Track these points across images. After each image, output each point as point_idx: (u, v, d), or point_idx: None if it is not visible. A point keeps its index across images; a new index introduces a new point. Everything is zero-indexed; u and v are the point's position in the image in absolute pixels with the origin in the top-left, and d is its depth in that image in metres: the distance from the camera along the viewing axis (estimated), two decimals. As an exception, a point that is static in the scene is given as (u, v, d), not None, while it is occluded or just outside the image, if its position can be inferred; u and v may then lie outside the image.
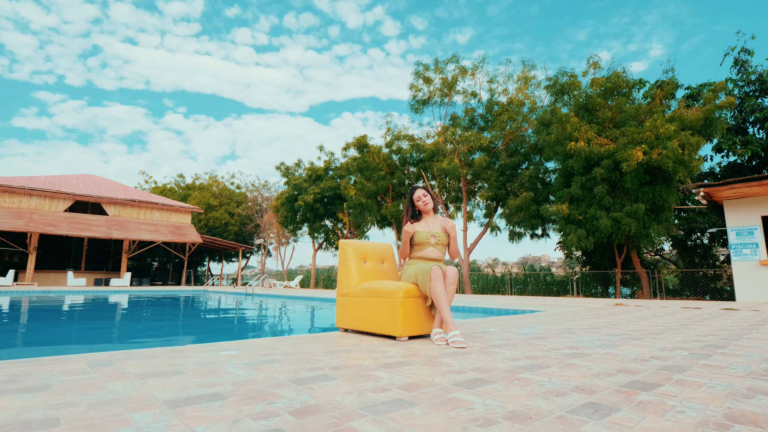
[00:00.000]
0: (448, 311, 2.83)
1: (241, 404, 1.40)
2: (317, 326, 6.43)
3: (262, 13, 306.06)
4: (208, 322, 6.88)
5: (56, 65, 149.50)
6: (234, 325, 6.55)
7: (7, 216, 19.79)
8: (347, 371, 1.93)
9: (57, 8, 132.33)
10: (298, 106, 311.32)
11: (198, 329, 5.87)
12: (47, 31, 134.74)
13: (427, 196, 3.31)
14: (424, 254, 3.22)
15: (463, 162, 17.37)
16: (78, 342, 4.38)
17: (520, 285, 19.43)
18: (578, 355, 2.37)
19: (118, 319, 7.09)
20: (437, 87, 18.34)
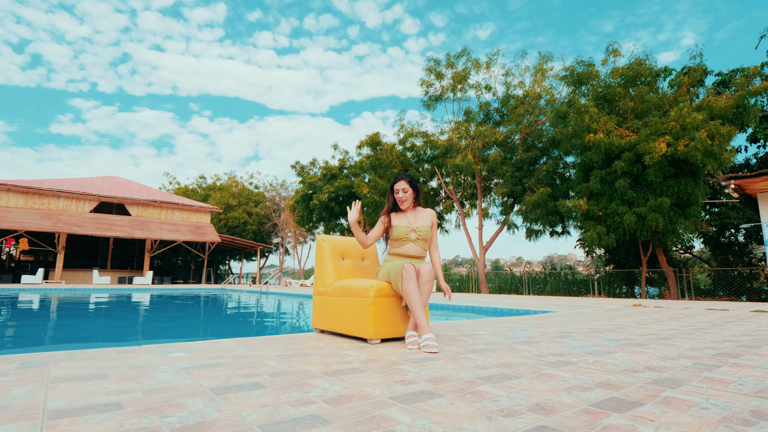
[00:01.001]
0: (422, 312, 2.57)
1: (131, 417, 1.20)
2: (309, 326, 6.23)
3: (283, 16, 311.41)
4: (202, 320, 6.80)
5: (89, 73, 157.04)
6: (224, 323, 6.44)
7: (37, 217, 20.49)
8: (284, 379, 1.70)
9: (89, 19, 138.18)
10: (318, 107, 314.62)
11: (184, 327, 5.77)
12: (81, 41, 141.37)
13: (407, 191, 3.01)
14: (403, 251, 2.97)
15: (478, 158, 16.93)
16: (57, 339, 4.32)
17: (539, 284, 18.83)
18: (560, 363, 2.08)
19: (112, 316, 7.09)
20: (449, 82, 17.93)
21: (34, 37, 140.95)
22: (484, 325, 3.88)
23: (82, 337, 4.54)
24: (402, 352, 2.37)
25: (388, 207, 3.05)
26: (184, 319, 6.93)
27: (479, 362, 2.09)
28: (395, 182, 3.04)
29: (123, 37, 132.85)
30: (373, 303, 2.68)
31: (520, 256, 61.79)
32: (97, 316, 7.10)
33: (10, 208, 20.24)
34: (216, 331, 5.40)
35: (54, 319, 6.54)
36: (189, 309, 9.00)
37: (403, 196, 3.00)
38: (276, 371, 1.86)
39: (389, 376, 1.77)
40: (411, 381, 1.69)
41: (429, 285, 2.68)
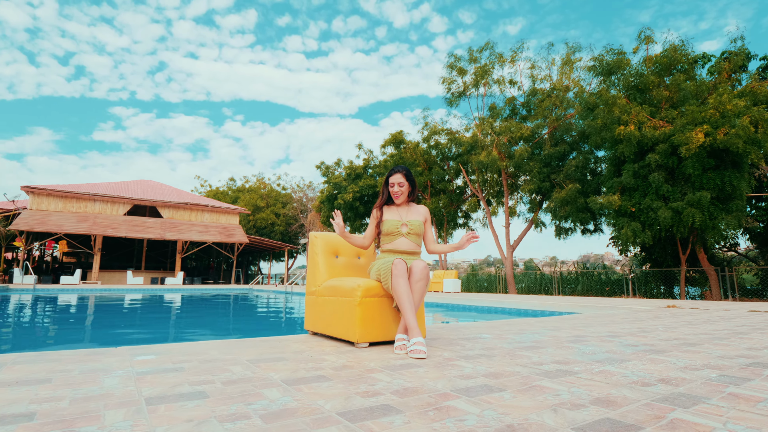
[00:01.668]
0: (412, 313, 2.35)
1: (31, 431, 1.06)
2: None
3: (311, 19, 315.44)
4: (208, 319, 6.79)
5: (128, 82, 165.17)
6: (230, 322, 6.40)
7: (74, 220, 21.44)
8: (235, 387, 1.53)
9: (128, 30, 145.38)
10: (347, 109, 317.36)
11: (186, 326, 5.74)
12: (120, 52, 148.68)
13: (403, 185, 2.79)
14: (394, 246, 2.76)
15: (503, 154, 16.42)
16: (62, 339, 4.34)
17: (571, 285, 18.09)
18: (559, 373, 1.81)
19: (128, 315, 7.19)
20: (472, 78, 17.48)
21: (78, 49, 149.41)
22: (493, 327, 3.61)
23: (74, 339, 4.56)
24: (386, 358, 2.16)
25: (381, 201, 2.86)
26: (190, 319, 6.95)
27: (466, 371, 1.85)
28: (390, 175, 2.84)
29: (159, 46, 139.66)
30: (360, 303, 2.49)
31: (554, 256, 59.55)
32: (104, 316, 7.22)
33: (51, 212, 21.26)
34: (218, 331, 5.34)
35: (57, 319, 6.68)
36: (205, 308, 9.07)
37: (399, 190, 2.79)
38: (233, 378, 1.69)
39: (354, 387, 1.57)
40: (376, 393, 1.49)
41: (422, 284, 2.45)
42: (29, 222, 19.48)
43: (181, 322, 6.53)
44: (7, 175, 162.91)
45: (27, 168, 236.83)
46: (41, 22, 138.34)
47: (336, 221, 2.73)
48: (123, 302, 10.20)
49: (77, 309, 8.35)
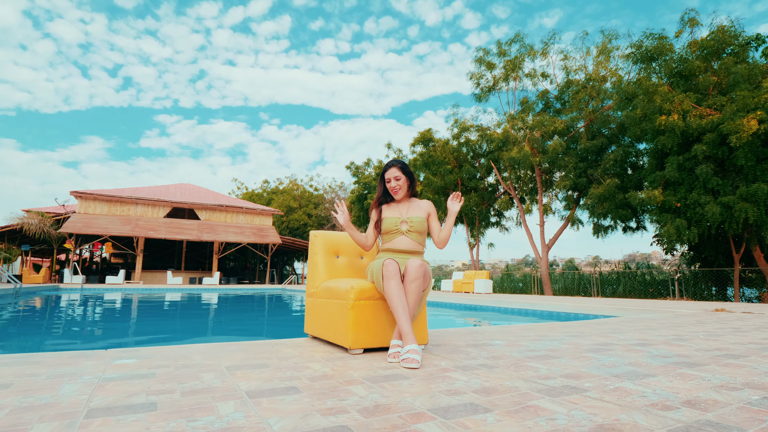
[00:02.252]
0: (405, 318, 2.16)
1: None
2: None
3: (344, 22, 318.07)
4: (225, 318, 6.81)
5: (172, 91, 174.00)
6: (247, 323, 6.37)
7: (118, 223, 22.52)
8: (192, 399, 1.39)
9: (170, 41, 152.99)
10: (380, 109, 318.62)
11: (202, 326, 5.75)
12: (164, 62, 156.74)
13: (400, 178, 2.61)
14: (393, 245, 2.57)
15: (536, 149, 15.79)
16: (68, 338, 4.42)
17: (612, 285, 17.15)
18: (566, 390, 1.57)
19: (154, 314, 7.35)
20: (502, 72, 16.93)
21: (125, 61, 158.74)
22: (509, 332, 3.34)
23: (84, 338, 4.63)
24: (374, 367, 1.98)
25: (378, 197, 2.68)
26: (212, 318, 7.00)
27: (456, 385, 1.64)
28: (386, 170, 2.66)
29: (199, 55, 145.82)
30: (353, 307, 2.31)
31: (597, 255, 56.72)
32: (129, 315, 7.40)
33: (97, 215, 22.42)
34: (234, 331, 5.32)
35: (84, 317, 6.88)
36: (232, 308, 9.18)
37: (396, 185, 2.60)
38: (198, 388, 1.56)
39: (321, 401, 1.40)
40: (340, 410, 1.31)
41: (417, 284, 2.25)
42: (77, 225, 20.61)
43: (201, 321, 6.60)
44: (64, 181, 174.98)
45: (81, 175, 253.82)
46: (92, 38, 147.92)
47: (341, 209, 2.57)
48: (156, 301, 10.53)
49: (108, 308, 8.65)
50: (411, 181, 2.67)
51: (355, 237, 2.65)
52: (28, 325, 5.68)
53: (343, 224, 2.57)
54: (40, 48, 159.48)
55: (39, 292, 13.84)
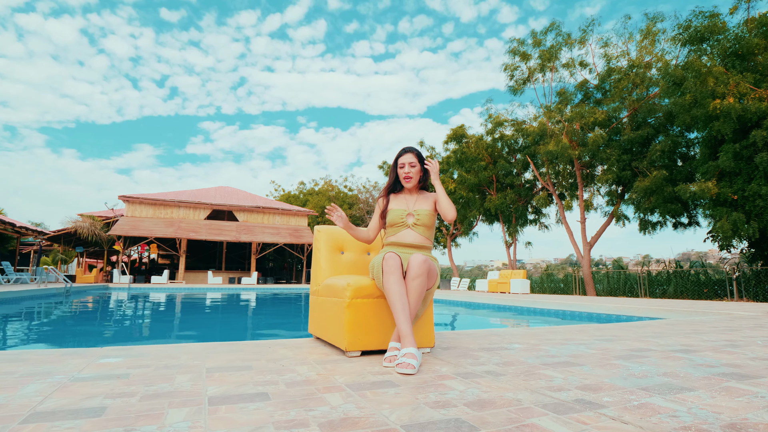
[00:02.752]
0: (405, 318, 1.95)
1: None
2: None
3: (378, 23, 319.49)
4: (246, 317, 6.81)
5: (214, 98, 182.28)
6: (264, 320, 6.33)
7: (162, 225, 23.54)
8: (143, 405, 1.27)
9: (212, 50, 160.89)
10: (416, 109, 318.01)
11: (220, 324, 5.75)
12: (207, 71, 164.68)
13: (415, 165, 2.40)
14: (398, 239, 2.37)
15: (575, 142, 15.02)
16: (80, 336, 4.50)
17: (661, 285, 16.04)
18: (578, 406, 1.32)
19: (185, 311, 7.48)
20: (537, 62, 16.23)
21: (171, 72, 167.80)
22: (532, 335, 3.06)
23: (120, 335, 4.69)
24: (365, 372, 1.79)
25: (388, 185, 2.49)
26: (235, 316, 7.03)
27: (449, 396, 1.42)
28: (400, 155, 2.45)
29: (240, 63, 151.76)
30: (350, 305, 2.13)
31: (647, 254, 53.04)
32: (158, 312, 7.57)
33: (142, 218, 23.53)
34: (250, 328, 5.28)
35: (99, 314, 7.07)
36: (261, 307, 9.25)
37: (410, 171, 2.39)
38: (163, 391, 1.43)
39: (285, 411, 1.23)
40: (300, 423, 1.13)
41: (420, 282, 2.03)
42: (125, 227, 21.71)
43: (227, 320, 6.64)
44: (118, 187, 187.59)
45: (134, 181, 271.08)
46: (141, 51, 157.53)
47: (337, 214, 2.39)
48: (192, 300, 10.82)
49: (143, 307, 8.94)
50: (424, 172, 2.47)
51: (356, 234, 2.47)
52: (64, 321, 5.90)
53: (343, 228, 2.40)
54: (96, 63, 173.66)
55: (89, 291, 14.61)
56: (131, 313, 7.52)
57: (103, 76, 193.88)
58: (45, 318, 6.23)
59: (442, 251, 26.94)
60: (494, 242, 42.06)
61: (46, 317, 6.32)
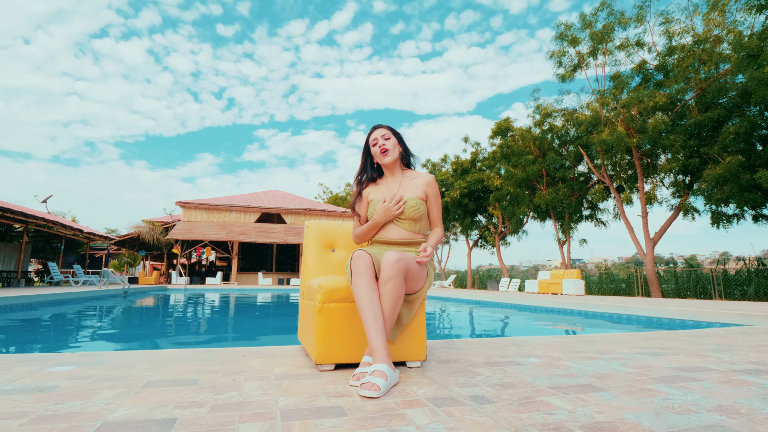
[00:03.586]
0: (375, 328, 1.62)
1: None
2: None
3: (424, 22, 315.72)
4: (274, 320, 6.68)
5: (268, 107, 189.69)
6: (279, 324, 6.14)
7: (215, 228, 24.59)
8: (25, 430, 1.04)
9: (265, 61, 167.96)
10: (465, 106, 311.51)
11: (243, 327, 5.62)
12: (260, 81, 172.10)
13: (389, 138, 2.06)
14: (381, 236, 2.04)
15: (633, 129, 13.76)
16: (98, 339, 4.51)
17: (742, 285, 14.27)
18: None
19: (219, 312, 7.53)
20: (588, 46, 15.05)
21: (228, 84, 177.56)
22: (558, 345, 2.59)
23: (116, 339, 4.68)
24: (321, 393, 1.48)
25: (359, 173, 2.14)
26: (259, 319, 6.95)
27: (403, 429, 1.08)
28: (370, 133, 2.11)
29: (290, 71, 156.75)
30: (321, 310, 1.83)
31: (725, 251, 47.75)
32: (188, 314, 7.65)
33: (197, 222, 24.71)
34: (272, 330, 5.11)
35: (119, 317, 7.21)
36: (292, 308, 9.17)
37: (384, 144, 2.04)
38: (63, 413, 1.21)
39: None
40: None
41: (393, 285, 1.68)
42: (181, 231, 22.89)
43: (243, 320, 6.58)
44: (183, 194, 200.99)
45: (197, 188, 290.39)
46: (201, 66, 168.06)
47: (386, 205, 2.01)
48: (239, 300, 11.04)
49: (186, 308, 9.17)
50: (404, 148, 2.12)
51: (354, 239, 2.18)
52: (98, 323, 6.09)
53: (380, 222, 2.04)
54: (161, 80, 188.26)
55: (147, 293, 15.46)
56: (161, 314, 7.72)
57: (168, 92, 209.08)
58: (73, 319, 6.48)
59: (491, 251, 25.96)
60: (548, 240, 39.24)
61: (78, 318, 6.58)
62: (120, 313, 7.34)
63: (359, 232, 2.11)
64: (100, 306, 8.61)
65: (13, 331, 4.83)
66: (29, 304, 7.83)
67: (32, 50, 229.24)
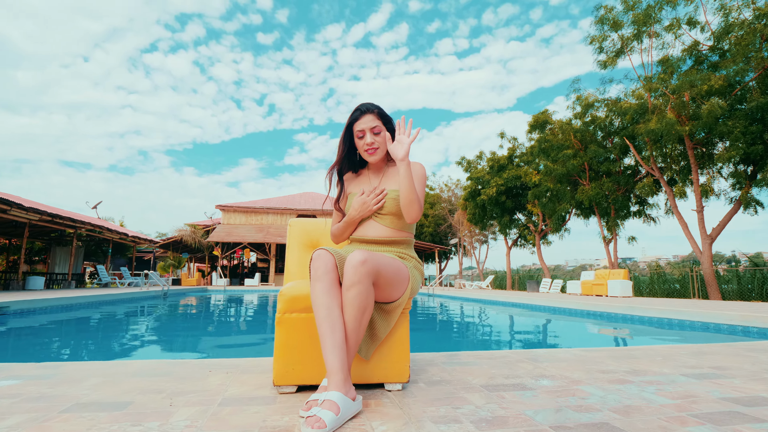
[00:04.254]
0: (333, 345, 1.33)
1: None
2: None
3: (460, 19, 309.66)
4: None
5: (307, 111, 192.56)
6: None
7: (253, 231, 25.13)
8: None
9: (303, 66, 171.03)
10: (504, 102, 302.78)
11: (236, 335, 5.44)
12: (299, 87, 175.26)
13: (380, 131, 1.71)
14: (359, 234, 1.75)
15: (685, 116, 12.64)
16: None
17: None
18: None
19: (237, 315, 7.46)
20: (632, 30, 13.98)
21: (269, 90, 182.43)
22: (582, 362, 2.18)
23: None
24: (254, 427, 1.20)
25: (337, 163, 1.84)
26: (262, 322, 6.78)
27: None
28: (354, 119, 1.75)
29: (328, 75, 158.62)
30: (280, 322, 1.56)
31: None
32: (206, 316, 7.62)
33: (236, 225, 25.35)
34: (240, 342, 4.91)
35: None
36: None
37: (375, 141, 1.72)
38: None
39: None
40: None
41: (355, 293, 1.37)
42: (221, 234, 23.55)
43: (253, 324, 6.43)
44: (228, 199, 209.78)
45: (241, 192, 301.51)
46: (243, 74, 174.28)
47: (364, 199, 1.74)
48: (260, 301, 11.07)
49: (213, 309, 9.24)
50: (394, 136, 1.79)
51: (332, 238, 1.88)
52: (117, 326, 6.16)
53: (356, 218, 1.74)
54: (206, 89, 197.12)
55: (186, 294, 15.92)
56: (185, 316, 7.77)
57: (213, 101, 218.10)
58: (87, 321, 6.59)
59: (531, 250, 24.92)
60: (595, 238, 36.95)
61: (100, 321, 6.70)
62: (146, 316, 7.45)
63: (335, 230, 1.83)
64: (134, 308, 8.83)
65: (21, 334, 4.92)
66: (67, 306, 8.12)
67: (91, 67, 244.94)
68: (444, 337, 4.93)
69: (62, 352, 3.67)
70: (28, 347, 3.82)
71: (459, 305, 10.59)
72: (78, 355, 3.49)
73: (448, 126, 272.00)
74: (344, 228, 1.77)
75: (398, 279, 1.52)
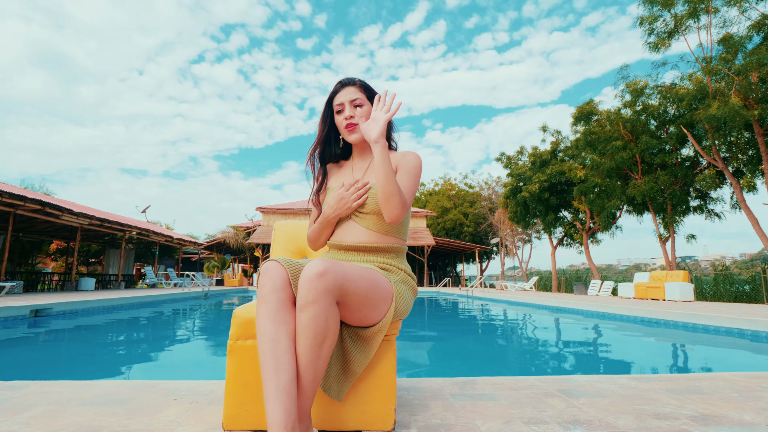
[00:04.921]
0: (276, 385, 1.01)
1: None
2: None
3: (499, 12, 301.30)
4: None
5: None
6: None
7: (292, 232, 25.48)
8: None
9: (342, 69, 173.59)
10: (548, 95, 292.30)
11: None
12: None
13: (362, 104, 1.42)
14: (336, 239, 1.43)
15: (753, 100, 11.35)
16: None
17: None
18: None
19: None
20: (687, 6, 12.75)
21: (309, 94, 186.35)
22: (633, 400, 1.73)
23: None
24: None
25: (315, 146, 1.52)
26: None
27: None
28: (335, 92, 1.45)
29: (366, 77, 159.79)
30: (232, 350, 1.26)
31: None
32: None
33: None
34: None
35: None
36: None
37: (353, 116, 1.41)
38: None
39: None
40: None
41: (314, 313, 1.04)
42: (260, 236, 24.01)
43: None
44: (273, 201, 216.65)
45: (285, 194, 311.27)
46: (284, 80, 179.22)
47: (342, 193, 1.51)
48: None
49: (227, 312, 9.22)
50: None
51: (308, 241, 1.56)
52: (150, 328, 6.17)
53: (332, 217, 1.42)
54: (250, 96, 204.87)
55: (227, 294, 16.26)
56: (216, 316, 7.74)
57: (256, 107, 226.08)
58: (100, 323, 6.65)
59: (579, 249, 23.59)
60: (650, 236, 34.14)
61: (131, 323, 6.75)
62: (177, 317, 7.50)
63: (310, 232, 1.51)
64: (171, 309, 8.97)
65: (37, 342, 4.97)
66: (108, 307, 8.36)
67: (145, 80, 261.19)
68: (466, 351, 4.46)
69: (57, 363, 3.60)
70: (28, 360, 3.79)
71: (495, 309, 10.01)
72: (66, 368, 3.38)
73: (489, 122, 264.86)
74: (319, 230, 1.45)
75: (376, 297, 1.18)
